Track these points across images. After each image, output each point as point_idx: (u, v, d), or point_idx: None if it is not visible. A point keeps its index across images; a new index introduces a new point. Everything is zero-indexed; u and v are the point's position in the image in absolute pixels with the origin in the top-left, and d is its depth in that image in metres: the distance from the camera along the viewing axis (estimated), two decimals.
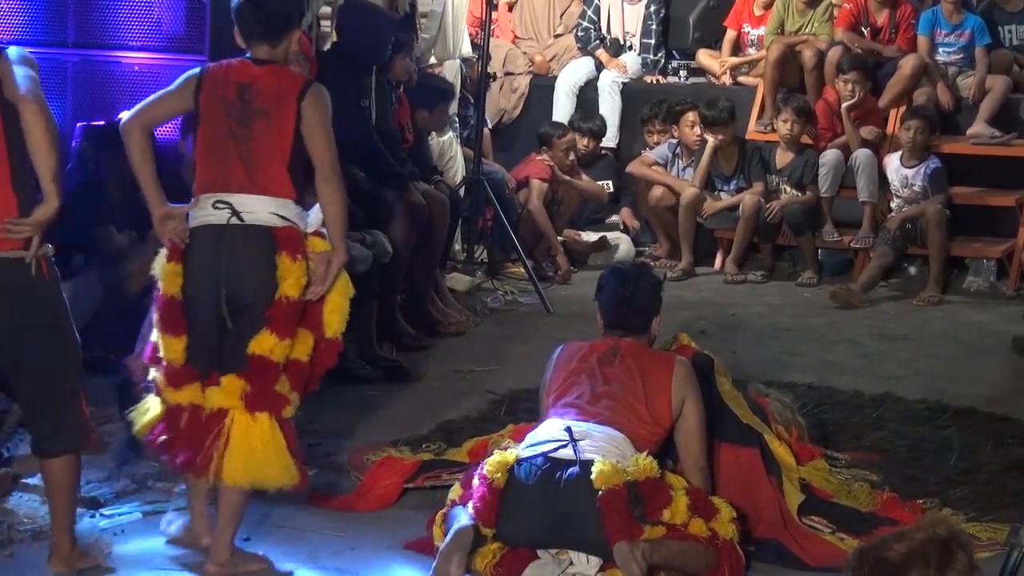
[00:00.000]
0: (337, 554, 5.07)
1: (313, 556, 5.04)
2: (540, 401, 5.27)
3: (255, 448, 4.73)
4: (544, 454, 4.86)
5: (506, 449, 5.01)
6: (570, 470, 4.78)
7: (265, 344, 4.72)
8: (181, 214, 4.83)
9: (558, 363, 5.23)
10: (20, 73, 4.51)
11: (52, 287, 4.65)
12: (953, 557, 2.73)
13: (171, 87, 4.92)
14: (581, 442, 4.84)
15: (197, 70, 4.92)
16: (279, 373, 4.77)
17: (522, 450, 4.93)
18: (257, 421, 4.74)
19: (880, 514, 5.33)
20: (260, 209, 4.74)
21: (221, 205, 4.75)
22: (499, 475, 4.82)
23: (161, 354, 4.84)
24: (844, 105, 9.76)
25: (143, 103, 4.91)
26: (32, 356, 4.64)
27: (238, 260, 4.74)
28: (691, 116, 9.98)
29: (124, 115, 4.94)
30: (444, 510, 4.93)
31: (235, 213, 4.73)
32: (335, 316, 4.89)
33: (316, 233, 4.85)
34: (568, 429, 4.89)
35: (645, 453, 4.86)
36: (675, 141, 10.06)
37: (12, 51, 4.58)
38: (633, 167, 10.11)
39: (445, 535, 4.78)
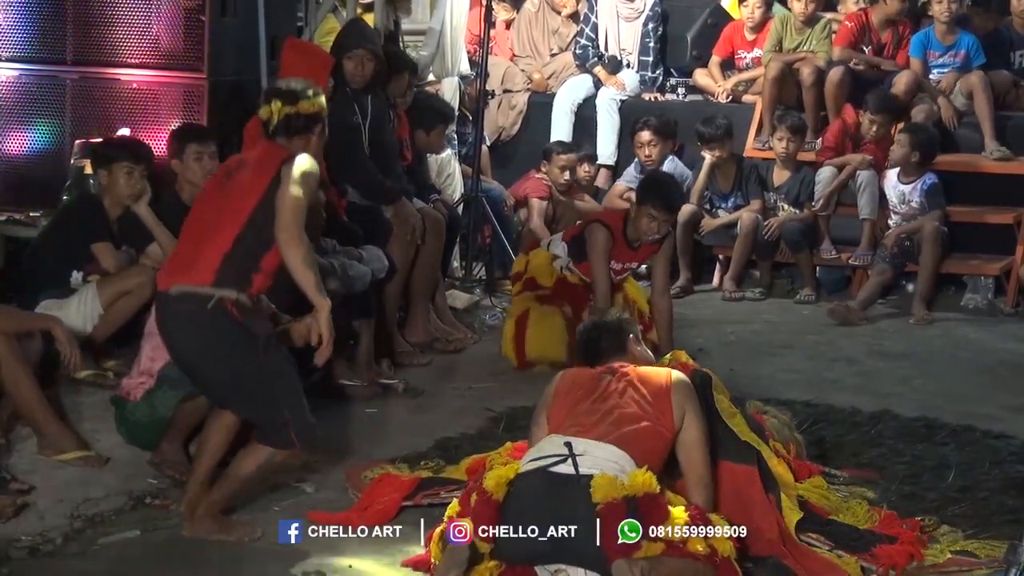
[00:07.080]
0: (335, 571, 5.07)
1: (311, 572, 5.04)
2: (533, 425, 5.23)
3: None
4: (543, 468, 4.86)
5: (505, 464, 5.02)
6: (569, 484, 4.79)
7: None
8: None
9: (558, 391, 5.19)
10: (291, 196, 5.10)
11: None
12: None
13: None
14: (580, 457, 4.85)
15: None
16: None
17: (522, 465, 4.94)
18: None
19: (878, 531, 5.33)
20: None
21: None
22: (498, 490, 4.83)
23: None
24: (866, 140, 9.74)
25: None
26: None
27: None
28: (644, 135, 9.94)
29: None
30: (442, 527, 4.92)
31: None
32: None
33: None
34: (568, 444, 4.90)
35: (645, 468, 4.86)
36: (638, 160, 10.03)
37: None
38: (607, 202, 10.02)
39: (443, 553, 4.79)
